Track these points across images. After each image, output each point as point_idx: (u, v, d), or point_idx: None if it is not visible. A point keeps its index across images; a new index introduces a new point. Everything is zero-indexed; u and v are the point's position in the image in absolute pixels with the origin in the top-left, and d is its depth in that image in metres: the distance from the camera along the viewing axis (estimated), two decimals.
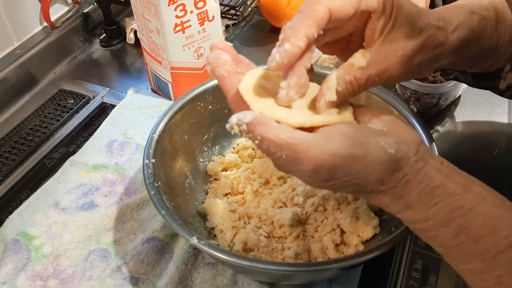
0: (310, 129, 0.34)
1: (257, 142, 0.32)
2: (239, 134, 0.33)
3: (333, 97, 0.35)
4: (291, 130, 0.33)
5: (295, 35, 0.32)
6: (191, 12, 0.61)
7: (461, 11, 0.39)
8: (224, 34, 0.83)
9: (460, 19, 0.38)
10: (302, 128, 0.33)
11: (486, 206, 0.31)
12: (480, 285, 0.31)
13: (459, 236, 0.31)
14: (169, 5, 0.58)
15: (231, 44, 0.39)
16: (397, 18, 0.35)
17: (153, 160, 0.47)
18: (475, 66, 0.44)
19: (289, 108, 0.34)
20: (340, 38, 0.37)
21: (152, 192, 0.44)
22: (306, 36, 0.32)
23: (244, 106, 0.35)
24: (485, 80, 0.48)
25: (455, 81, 0.59)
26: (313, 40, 0.33)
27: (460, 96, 0.69)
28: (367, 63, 0.35)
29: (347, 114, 0.36)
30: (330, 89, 0.35)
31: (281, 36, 0.33)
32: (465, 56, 0.41)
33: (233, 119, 0.32)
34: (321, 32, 0.33)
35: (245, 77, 0.36)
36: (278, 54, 0.32)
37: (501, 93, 0.48)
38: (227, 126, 0.33)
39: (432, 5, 0.58)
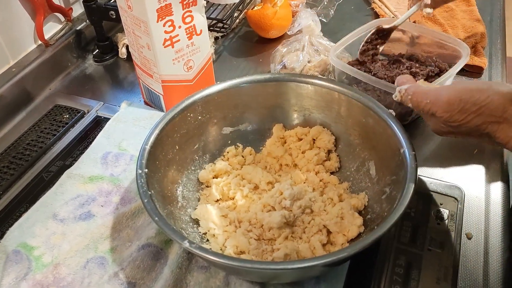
0: None
1: (409, 97, 0.49)
2: (400, 99, 0.51)
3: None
4: (433, 87, 0.47)
5: None
6: (179, 27, 0.63)
7: None
8: (214, 46, 0.86)
9: None
10: None
11: None
12: None
13: None
14: (158, 22, 0.61)
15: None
16: None
17: (146, 170, 0.49)
18: None
19: None
20: None
21: (146, 200, 0.46)
22: None
23: None
24: None
25: (435, 84, 0.62)
26: None
27: None
28: None
29: None
30: None
31: None
32: None
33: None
34: None
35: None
36: None
37: None
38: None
39: None
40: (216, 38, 0.90)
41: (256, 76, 0.60)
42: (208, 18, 0.74)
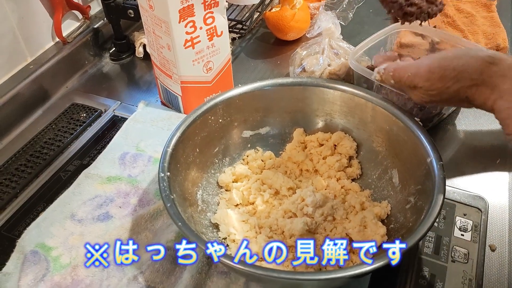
0: None
1: (390, 74, 0.49)
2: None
3: None
4: (415, 61, 0.48)
5: None
6: (201, 28, 0.63)
7: None
8: (231, 47, 0.85)
9: None
10: None
11: None
12: None
13: None
14: (179, 22, 0.60)
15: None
16: None
17: (168, 174, 0.49)
18: None
19: None
20: None
21: (169, 205, 0.46)
22: None
23: None
24: None
25: None
26: None
27: None
28: None
29: None
30: None
31: None
32: None
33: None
34: None
35: None
36: None
37: None
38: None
39: None
40: (233, 39, 0.89)
41: (280, 79, 0.59)
42: (228, 19, 0.73)
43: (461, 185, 0.59)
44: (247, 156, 0.61)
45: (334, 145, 0.60)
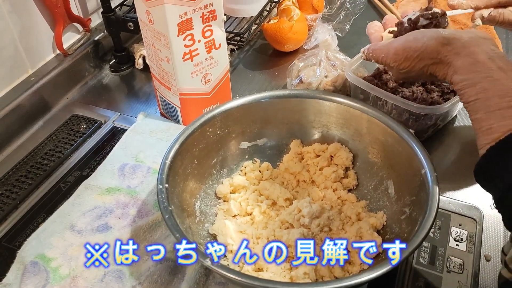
0: None
1: (370, 54, 0.55)
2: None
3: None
4: (388, 42, 0.54)
5: None
6: (199, 41, 0.64)
7: None
8: (229, 58, 0.86)
9: None
10: None
11: (508, 81, 0.42)
12: (478, 130, 0.42)
13: (479, 94, 0.43)
14: (178, 36, 0.61)
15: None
16: None
17: (166, 185, 0.49)
18: None
19: None
20: None
21: (167, 216, 0.46)
22: None
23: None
24: None
25: (453, 102, 0.61)
26: None
27: (456, 115, 0.72)
28: None
29: None
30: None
31: None
32: None
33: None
34: None
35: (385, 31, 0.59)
36: None
37: None
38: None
39: None
40: (231, 51, 0.90)
41: (277, 91, 0.60)
42: (226, 31, 0.74)
43: (456, 196, 0.60)
44: (245, 167, 0.62)
45: (331, 156, 0.61)
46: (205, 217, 0.56)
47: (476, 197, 0.60)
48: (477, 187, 0.61)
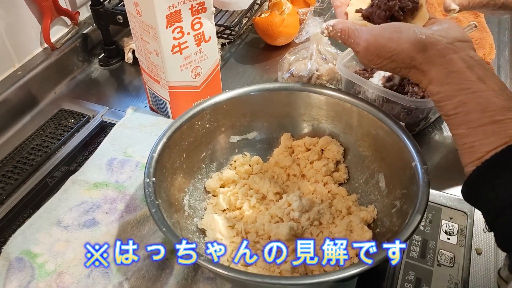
0: None
1: (338, 34, 0.47)
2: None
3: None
4: (359, 26, 0.46)
5: None
6: (188, 33, 0.63)
7: None
8: (220, 52, 0.86)
9: None
10: None
11: (489, 94, 0.39)
12: (461, 147, 0.40)
13: (458, 108, 0.40)
14: (167, 28, 0.60)
15: None
16: None
17: (154, 179, 0.49)
18: None
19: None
20: None
21: (153, 210, 0.45)
22: None
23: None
24: None
25: None
26: None
27: None
28: None
29: (418, 22, 0.48)
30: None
31: None
32: None
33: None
34: None
35: (351, 2, 0.53)
36: None
37: None
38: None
39: None
40: (222, 45, 0.89)
41: (266, 84, 0.59)
42: (216, 24, 0.73)
43: (447, 189, 0.59)
44: (235, 161, 0.61)
45: (321, 150, 0.60)
46: (194, 212, 0.55)
47: None
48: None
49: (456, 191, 0.59)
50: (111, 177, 0.62)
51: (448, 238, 0.53)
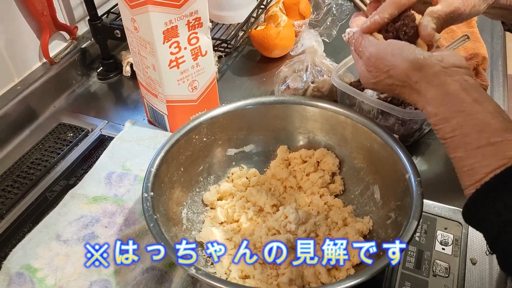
0: None
1: (353, 41, 0.50)
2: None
3: (432, 25, 0.48)
4: (372, 38, 0.49)
5: None
6: (185, 48, 0.64)
7: None
8: (217, 65, 0.87)
9: None
10: None
11: (485, 115, 0.40)
12: (460, 169, 0.41)
13: (455, 130, 0.41)
14: (164, 43, 0.61)
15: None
16: None
17: (152, 193, 0.49)
18: None
19: None
20: None
21: (151, 225, 0.46)
22: None
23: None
24: None
25: None
26: None
27: None
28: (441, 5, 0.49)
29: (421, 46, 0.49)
30: (430, 21, 0.48)
31: None
32: None
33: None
34: None
35: None
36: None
37: None
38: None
39: None
40: (219, 57, 0.90)
41: (262, 98, 0.60)
42: (212, 38, 0.74)
43: (442, 199, 0.60)
44: (232, 174, 0.62)
45: (317, 162, 0.61)
46: (192, 225, 0.56)
47: (462, 201, 0.60)
48: (462, 191, 0.62)
49: (450, 202, 0.60)
50: (110, 190, 0.63)
51: (443, 249, 0.54)
